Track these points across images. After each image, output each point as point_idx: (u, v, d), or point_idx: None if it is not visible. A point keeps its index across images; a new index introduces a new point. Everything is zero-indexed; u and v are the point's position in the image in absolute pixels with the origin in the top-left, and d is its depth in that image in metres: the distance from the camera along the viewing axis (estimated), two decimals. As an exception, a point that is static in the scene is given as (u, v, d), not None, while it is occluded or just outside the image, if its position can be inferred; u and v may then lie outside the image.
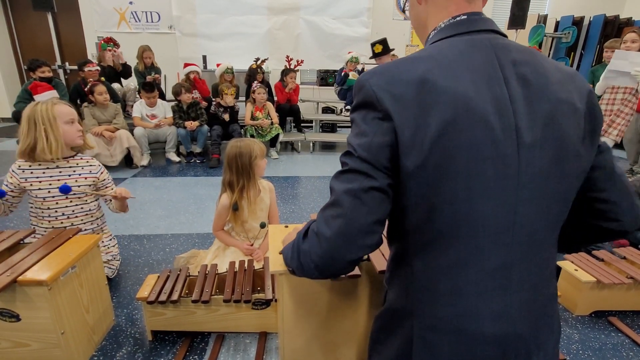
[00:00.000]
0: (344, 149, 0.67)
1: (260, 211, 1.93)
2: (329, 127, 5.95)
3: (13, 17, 6.29)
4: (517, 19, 4.98)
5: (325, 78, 6.28)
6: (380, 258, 1.13)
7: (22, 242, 1.48)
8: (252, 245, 1.87)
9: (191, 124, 4.15)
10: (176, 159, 4.29)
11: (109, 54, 4.61)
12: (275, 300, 1.50)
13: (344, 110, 5.69)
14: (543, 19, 6.08)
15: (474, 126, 0.55)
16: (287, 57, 5.32)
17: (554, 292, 0.67)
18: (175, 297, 1.45)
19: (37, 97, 3.57)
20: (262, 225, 1.76)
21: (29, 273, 1.22)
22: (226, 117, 4.28)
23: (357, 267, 1.13)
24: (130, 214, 2.71)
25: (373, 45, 4.66)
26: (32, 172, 1.69)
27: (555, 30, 6.12)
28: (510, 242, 0.58)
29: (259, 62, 5.04)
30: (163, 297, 1.44)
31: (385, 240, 0.73)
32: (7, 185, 1.67)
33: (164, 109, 4.23)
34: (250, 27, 6.15)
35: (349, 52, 5.45)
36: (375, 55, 4.64)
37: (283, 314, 1.17)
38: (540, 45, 5.90)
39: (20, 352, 1.29)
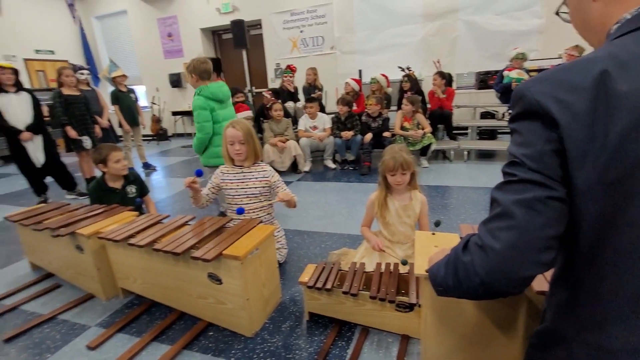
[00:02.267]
0: (504, 157, 0.64)
1: (407, 217, 1.98)
2: (488, 134, 5.44)
3: (221, 53, 8.20)
4: None
5: (485, 80, 5.80)
6: (539, 277, 1.03)
7: (224, 226, 1.96)
8: (383, 249, 1.95)
9: (347, 134, 4.53)
10: (332, 165, 4.74)
11: (285, 79, 5.53)
12: (419, 306, 1.53)
13: (506, 114, 5.12)
14: None
15: None
16: (434, 60, 5.18)
17: None
18: (329, 285, 1.66)
19: (237, 115, 4.58)
20: (404, 263, 1.78)
21: (229, 250, 1.62)
22: (367, 136, 4.41)
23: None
24: (295, 212, 3.17)
25: None
26: (228, 175, 2.22)
27: None
28: None
29: (409, 71, 5.08)
30: (319, 285, 1.67)
31: None
32: (210, 183, 2.24)
33: (323, 121, 4.75)
34: (404, 37, 6.25)
35: (514, 49, 4.88)
36: None
37: (426, 320, 1.19)
38: None
39: (220, 308, 1.72)
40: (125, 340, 1.75)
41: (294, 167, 4.67)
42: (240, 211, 2.04)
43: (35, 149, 3.81)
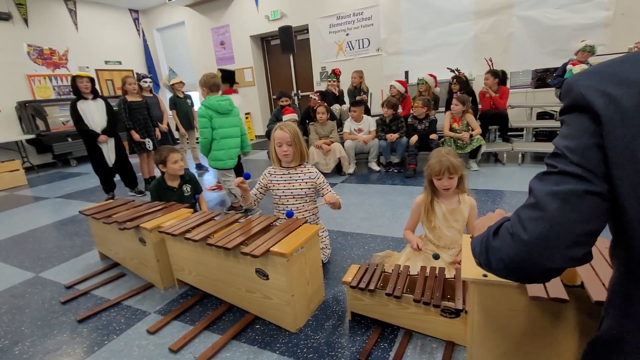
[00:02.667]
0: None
1: (455, 222, 1.93)
2: (545, 136, 5.09)
3: (268, 59, 8.49)
4: None
5: (542, 78, 5.43)
6: (598, 285, 0.97)
7: (272, 225, 2.05)
8: (421, 248, 1.94)
9: (391, 136, 4.48)
10: (376, 168, 4.71)
11: (329, 84, 5.60)
12: (466, 312, 1.49)
13: (567, 114, 4.75)
14: None
15: None
16: (486, 59, 4.95)
17: None
18: (372, 286, 1.67)
19: (284, 117, 4.72)
20: (436, 257, 1.80)
21: (276, 247, 1.69)
22: (413, 139, 4.35)
23: (565, 292, 1.01)
24: (339, 213, 3.21)
25: None
26: (275, 176, 2.30)
27: None
28: None
29: (458, 73, 4.91)
30: (362, 285, 1.68)
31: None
32: (259, 183, 2.34)
33: (368, 123, 4.74)
34: (453, 35, 6.04)
35: (582, 41, 4.51)
36: None
37: (473, 325, 1.16)
38: None
39: (266, 302, 1.80)
40: (180, 328, 1.88)
41: (339, 169, 4.71)
42: (290, 214, 2.10)
43: (109, 151, 4.23)
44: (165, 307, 2.09)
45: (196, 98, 8.73)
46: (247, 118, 8.32)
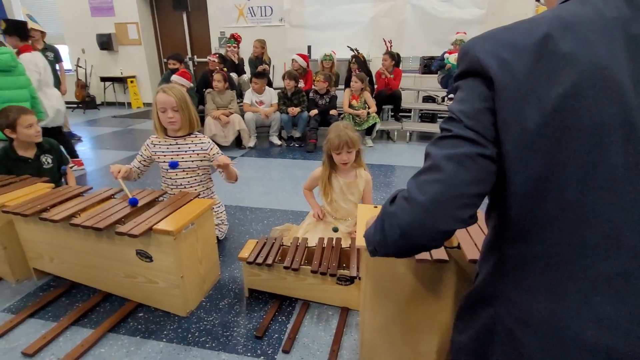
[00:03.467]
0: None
1: (351, 195, 1.98)
2: (429, 117, 5.69)
3: (158, 15, 7.47)
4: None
5: (429, 65, 6.00)
6: (472, 246, 1.08)
7: (157, 200, 1.81)
8: (323, 217, 1.98)
9: (293, 110, 4.42)
10: (278, 142, 4.63)
11: (229, 50, 5.21)
12: (359, 279, 1.55)
13: (446, 99, 5.37)
14: None
15: (604, 102, 0.46)
16: (385, 40, 5.24)
17: None
18: (270, 261, 1.61)
19: (172, 77, 4.19)
20: (335, 230, 1.85)
21: (161, 224, 1.49)
22: (313, 111, 4.39)
23: (445, 253, 1.10)
24: (237, 187, 3.05)
25: None
26: (160, 147, 2.03)
27: None
28: (636, 244, 0.49)
29: (357, 53, 5.07)
30: (260, 260, 1.62)
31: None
32: (141, 154, 2.04)
33: (270, 96, 4.59)
34: (354, 15, 6.18)
35: (457, 33, 5.08)
36: None
37: (365, 291, 1.20)
38: None
39: (151, 287, 1.60)
40: (38, 326, 1.56)
41: (238, 143, 4.48)
42: (174, 165, 1.89)
43: None
44: (18, 303, 1.71)
45: (65, 53, 7.29)
46: (132, 82, 7.29)
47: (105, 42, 7.23)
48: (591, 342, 0.51)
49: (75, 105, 7.13)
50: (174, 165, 1.96)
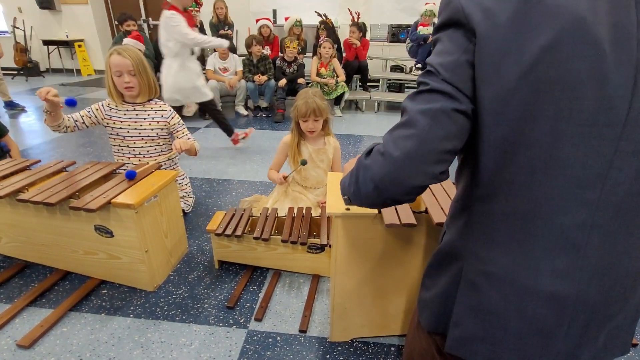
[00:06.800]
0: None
1: (320, 162, 1.96)
2: (397, 87, 5.69)
3: (106, -26, 6.78)
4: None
5: (396, 34, 5.91)
6: (439, 211, 1.10)
7: (114, 172, 1.70)
8: (285, 178, 1.91)
9: (259, 78, 4.26)
10: (244, 112, 4.47)
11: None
12: (329, 246, 1.56)
13: (413, 68, 5.37)
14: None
15: (580, 56, 0.46)
16: (350, 10, 5.08)
17: None
18: (239, 232, 1.58)
19: (125, 40, 3.86)
20: (303, 163, 1.82)
21: (120, 197, 1.40)
22: (282, 82, 4.26)
23: (413, 217, 1.12)
24: (203, 159, 2.95)
25: None
26: (116, 112, 1.87)
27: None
28: (596, 199, 0.51)
29: (324, 17, 4.89)
30: (229, 231, 1.58)
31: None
32: (89, 111, 1.84)
33: (235, 63, 4.37)
34: (321, -22, 5.92)
35: (426, 4, 5.01)
36: None
37: (337, 256, 1.21)
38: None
39: (113, 263, 1.53)
40: (-11, 309, 1.46)
41: (202, 113, 4.28)
42: (71, 102, 1.66)
43: None
44: (-37, 286, 1.58)
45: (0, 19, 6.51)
46: (79, 47, 6.67)
47: (46, 0, 6.50)
48: (546, 291, 0.54)
49: (16, 72, 6.47)
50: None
